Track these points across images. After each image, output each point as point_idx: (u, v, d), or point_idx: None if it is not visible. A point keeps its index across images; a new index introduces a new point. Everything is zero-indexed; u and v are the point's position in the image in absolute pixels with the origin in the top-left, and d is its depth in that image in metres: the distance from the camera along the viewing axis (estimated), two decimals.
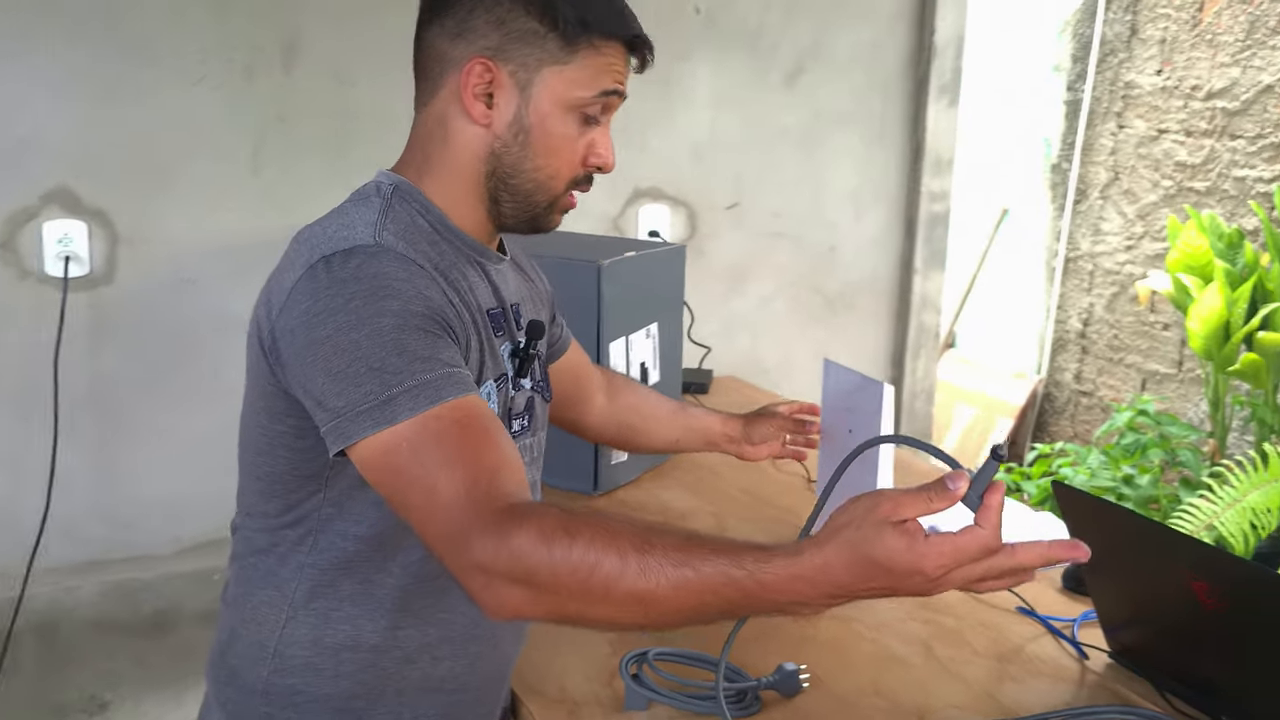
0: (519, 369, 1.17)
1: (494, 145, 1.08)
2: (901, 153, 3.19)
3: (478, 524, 0.86)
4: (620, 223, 2.89)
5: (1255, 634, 1.06)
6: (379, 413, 0.92)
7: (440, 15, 1.09)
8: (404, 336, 0.94)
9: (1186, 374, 4.05)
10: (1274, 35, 3.65)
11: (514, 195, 1.10)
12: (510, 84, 1.06)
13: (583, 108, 1.08)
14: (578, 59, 1.06)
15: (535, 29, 1.05)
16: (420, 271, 1.01)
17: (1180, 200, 3.99)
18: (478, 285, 1.12)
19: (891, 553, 0.81)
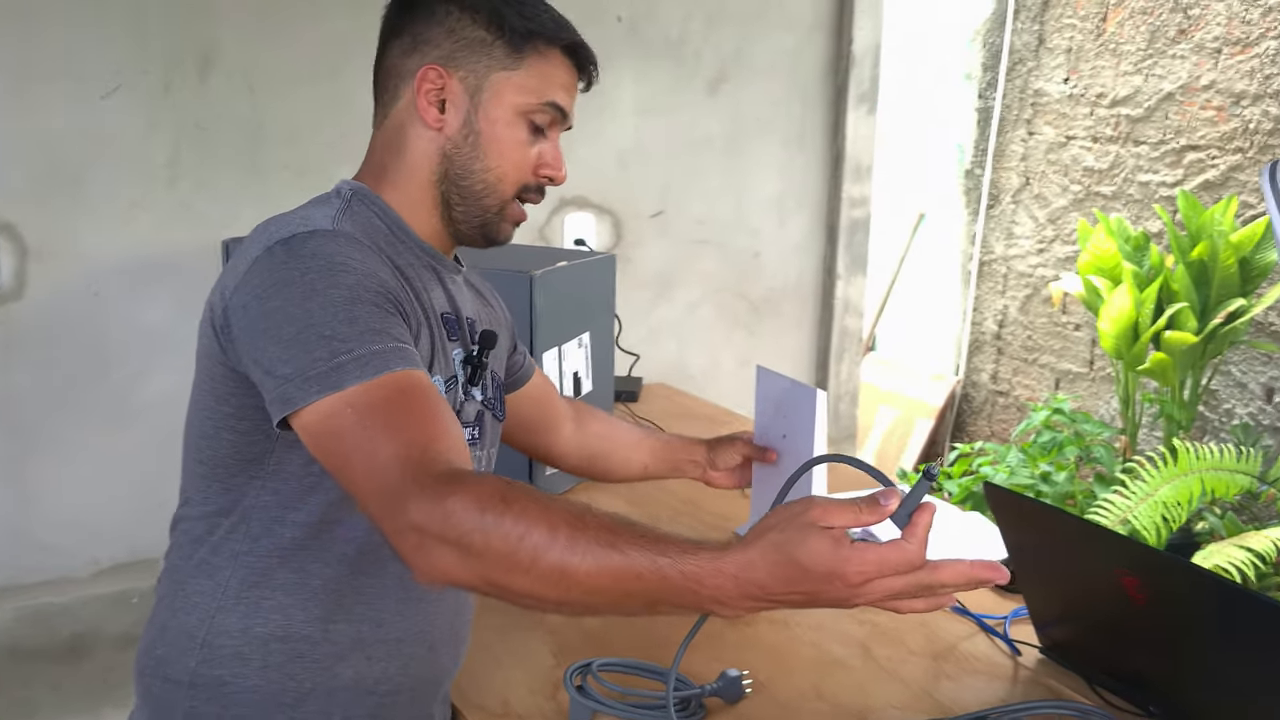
0: (470, 376, 1.18)
1: (445, 148, 1.12)
2: (822, 159, 3.24)
3: (415, 485, 0.87)
4: (546, 231, 2.89)
5: (1181, 626, 1.10)
6: (326, 379, 0.93)
7: (398, 34, 1.14)
8: (356, 308, 0.96)
9: (1098, 373, 4.17)
10: (1173, 45, 3.79)
11: (464, 197, 1.13)
12: (461, 90, 1.11)
13: (531, 114, 1.12)
14: (525, 65, 1.12)
15: (483, 37, 1.11)
16: (377, 255, 1.04)
17: (1088, 204, 4.11)
18: (433, 289, 1.14)
19: (814, 555, 0.81)
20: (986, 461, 3.66)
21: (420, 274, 1.13)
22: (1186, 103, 3.76)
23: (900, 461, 4.56)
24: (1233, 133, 3.62)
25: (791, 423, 1.51)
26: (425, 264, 1.15)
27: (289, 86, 2.44)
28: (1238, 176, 3.62)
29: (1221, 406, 3.74)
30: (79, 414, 2.35)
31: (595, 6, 2.80)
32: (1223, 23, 3.63)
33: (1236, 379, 3.69)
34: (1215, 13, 3.65)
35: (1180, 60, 3.77)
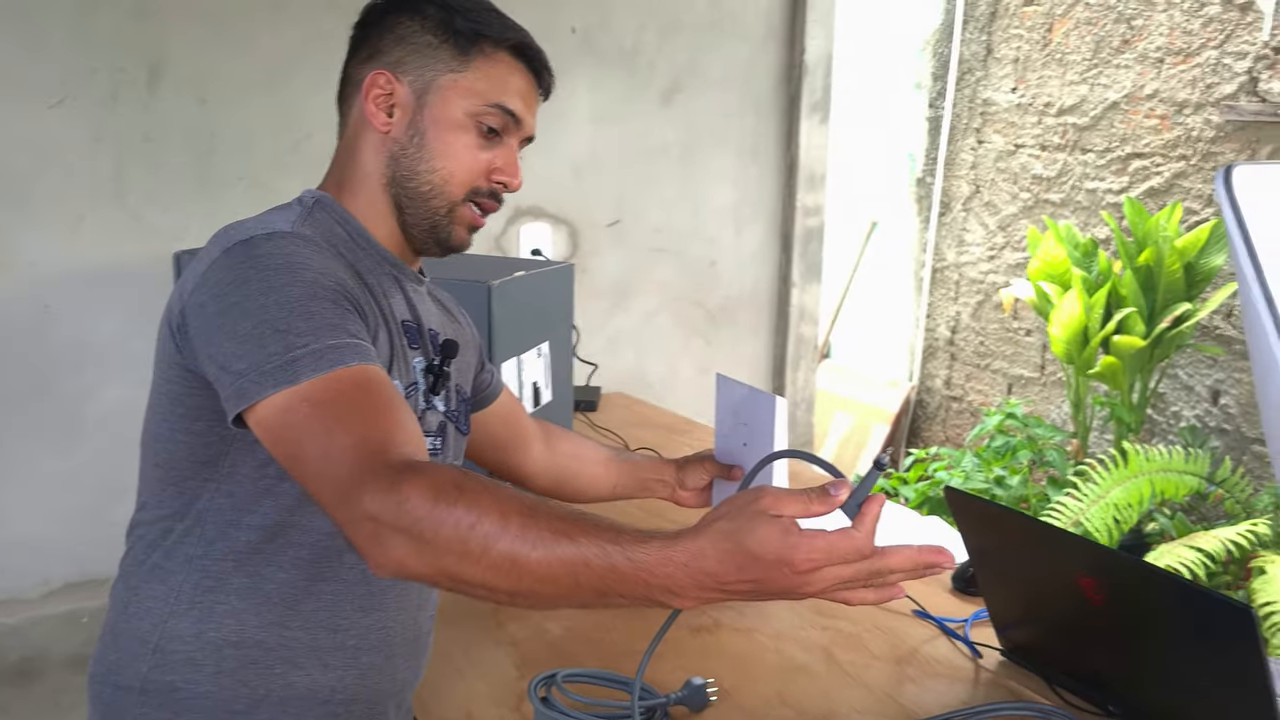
0: (432, 385, 1.18)
1: (393, 149, 1.14)
2: (776, 169, 3.26)
3: (370, 475, 0.86)
4: (502, 241, 2.88)
5: (1139, 626, 1.11)
6: (282, 373, 0.93)
7: (359, 48, 1.17)
8: (313, 304, 0.97)
9: (1049, 377, 4.23)
10: (1117, 55, 3.86)
11: (412, 199, 1.14)
12: (408, 93, 1.13)
13: (480, 117, 1.13)
14: (472, 67, 1.13)
15: (430, 41, 1.13)
16: (336, 258, 1.05)
17: (1038, 211, 4.17)
18: (394, 296, 1.15)
19: (763, 541, 0.81)
20: (942, 466, 3.69)
21: (381, 280, 1.13)
22: (1131, 111, 3.84)
23: (856, 467, 4.60)
24: (1176, 140, 3.69)
25: (751, 430, 1.51)
26: (386, 271, 1.15)
27: (241, 96, 2.41)
28: (1181, 183, 3.69)
29: (1169, 409, 3.80)
30: (28, 430, 2.30)
31: (549, 17, 2.80)
32: (1164, 33, 3.70)
33: (1183, 382, 3.76)
34: (1157, 23, 3.72)
35: (1124, 70, 3.84)
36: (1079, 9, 3.98)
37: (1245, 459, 3.55)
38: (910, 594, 1.49)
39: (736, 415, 1.54)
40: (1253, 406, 3.55)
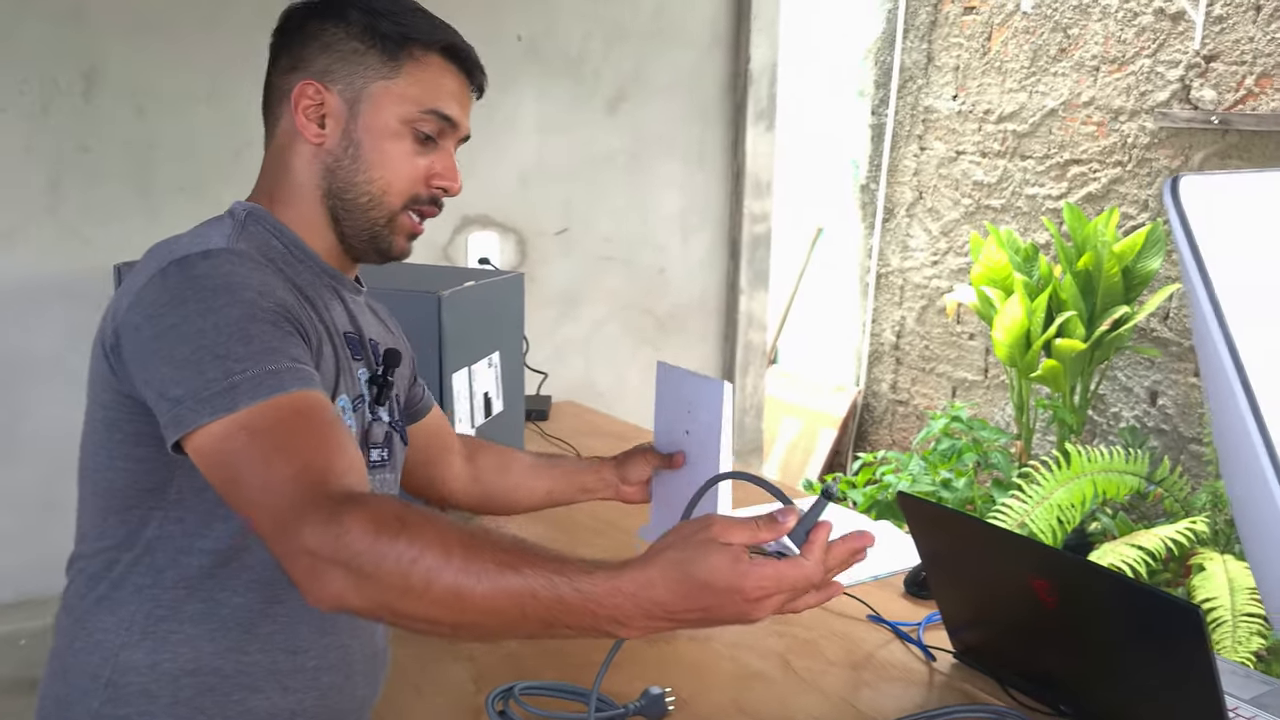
0: (377, 396, 1.17)
1: (327, 162, 1.11)
2: (723, 176, 3.27)
3: (310, 507, 0.85)
4: (450, 251, 2.86)
5: (1090, 626, 1.13)
6: (220, 400, 0.91)
7: (279, 55, 1.14)
8: (251, 326, 0.94)
9: (992, 380, 4.29)
10: (1055, 63, 3.93)
11: (350, 211, 1.11)
12: (339, 103, 1.10)
13: (414, 123, 1.11)
14: (404, 72, 1.10)
15: (357, 48, 1.10)
16: (275, 274, 1.03)
17: (979, 217, 4.23)
18: (334, 308, 1.13)
19: (714, 570, 0.82)
20: (889, 470, 3.73)
21: (320, 293, 1.11)
22: (1069, 118, 3.91)
23: (805, 472, 4.63)
24: (1112, 147, 3.77)
25: (696, 418, 1.43)
26: (325, 283, 1.13)
27: (180, 106, 2.37)
28: (1118, 189, 3.77)
29: (1109, 410, 3.88)
30: None
31: (495, 25, 2.79)
32: (1100, 42, 3.78)
33: (1122, 383, 3.84)
34: (1093, 33, 3.80)
35: (1062, 78, 3.91)
36: (1017, 18, 4.05)
37: (1183, 458, 3.63)
38: (864, 599, 1.50)
39: (679, 402, 1.47)
40: (1189, 407, 3.63)
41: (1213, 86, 3.48)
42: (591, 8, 2.93)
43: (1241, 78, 3.41)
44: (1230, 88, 3.44)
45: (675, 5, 3.07)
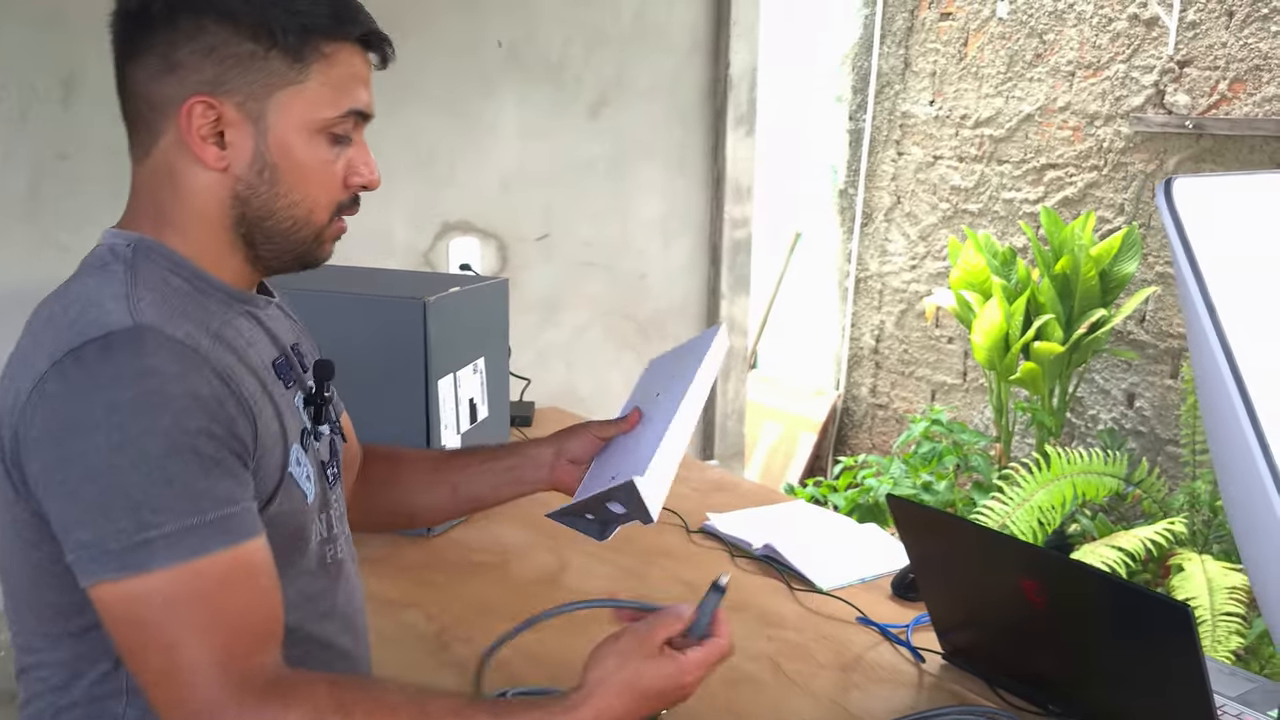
0: (315, 416, 1.06)
1: (237, 189, 0.96)
2: (704, 181, 3.28)
3: (234, 702, 0.80)
4: (431, 257, 2.85)
5: (1080, 626, 1.14)
6: (130, 556, 0.80)
7: (140, 52, 0.94)
8: (174, 464, 0.82)
9: (971, 384, 4.32)
10: (1031, 68, 3.97)
11: (272, 237, 0.98)
12: (240, 118, 0.94)
13: (331, 128, 0.97)
14: (312, 73, 0.95)
15: (253, 50, 0.93)
16: (193, 358, 0.87)
17: (957, 222, 4.26)
18: (255, 338, 1.00)
19: (663, 679, 0.95)
20: (870, 473, 3.75)
21: (237, 327, 0.97)
22: (1045, 123, 3.94)
23: (786, 476, 4.64)
24: (1088, 151, 3.80)
25: (675, 371, 1.28)
26: (238, 311, 0.99)
27: None
28: (1094, 193, 3.80)
29: (1087, 412, 3.91)
30: None
31: (475, 31, 2.79)
32: (1075, 47, 3.82)
33: (1100, 386, 3.87)
34: (1068, 38, 3.84)
35: (1037, 83, 3.95)
36: (992, 24, 4.08)
37: (1160, 459, 3.67)
38: (853, 602, 1.50)
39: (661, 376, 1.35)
40: (1166, 409, 3.67)
41: (1186, 91, 3.52)
42: (572, 13, 2.94)
43: (1215, 83, 3.45)
44: (1204, 92, 3.48)
45: (655, 10, 3.08)
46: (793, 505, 1.89)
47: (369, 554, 1.64)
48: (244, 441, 0.89)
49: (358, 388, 1.70)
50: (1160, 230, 3.63)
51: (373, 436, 1.33)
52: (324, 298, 1.71)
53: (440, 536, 1.74)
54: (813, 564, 1.60)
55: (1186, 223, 0.65)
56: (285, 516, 0.96)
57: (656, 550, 1.71)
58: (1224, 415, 0.65)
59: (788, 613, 1.50)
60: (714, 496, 1.94)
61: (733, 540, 1.71)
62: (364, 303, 1.72)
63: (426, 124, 2.75)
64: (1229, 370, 0.64)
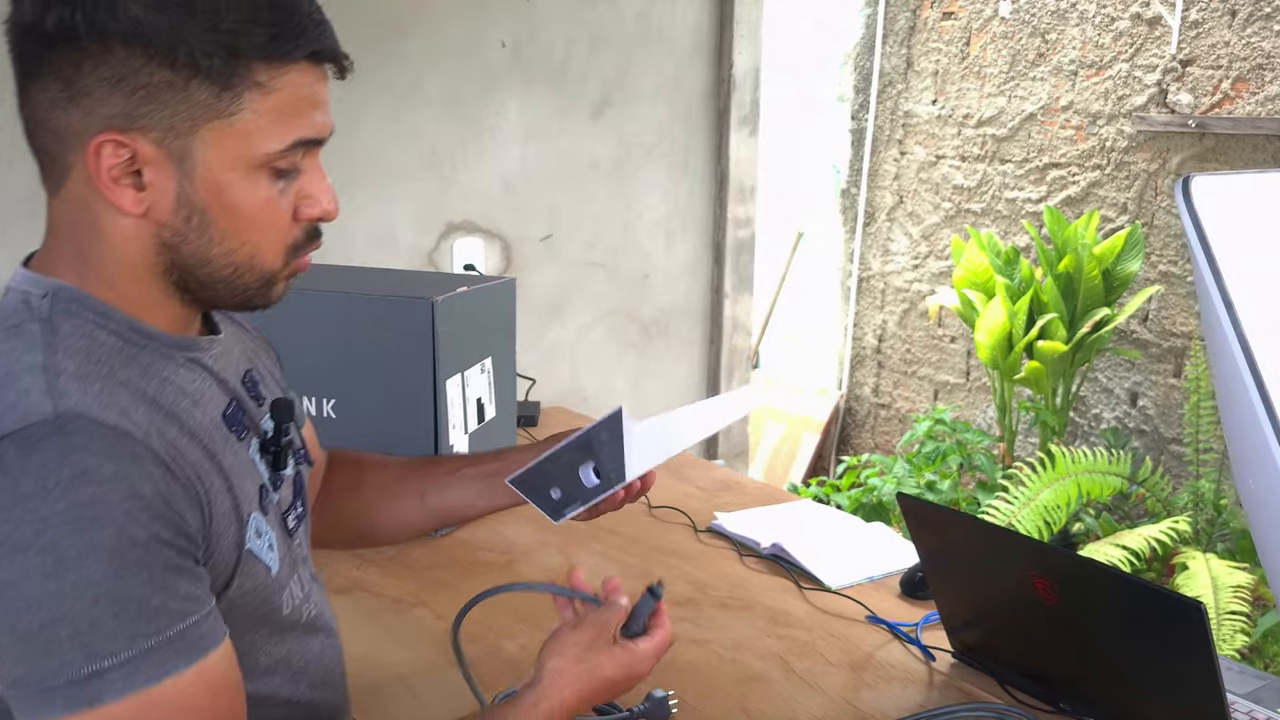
0: (275, 462, 0.95)
1: (163, 236, 0.82)
2: (707, 181, 3.28)
3: None
4: (435, 257, 2.85)
5: (1092, 623, 1.14)
6: (79, 690, 0.71)
7: (40, 74, 0.79)
8: (122, 584, 0.72)
9: (974, 383, 4.32)
10: (1033, 68, 3.97)
11: (209, 285, 0.85)
12: (160, 156, 0.79)
13: (272, 163, 0.82)
14: (245, 104, 0.80)
15: (170, 80, 0.78)
16: (130, 449, 0.75)
17: (959, 221, 4.26)
18: (201, 392, 0.88)
19: (618, 668, 0.99)
20: (874, 473, 3.75)
21: (178, 382, 0.85)
22: (1047, 122, 3.94)
23: (789, 476, 4.64)
24: (1091, 150, 3.81)
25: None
26: (179, 362, 0.87)
27: None
28: (1097, 192, 3.80)
29: (1090, 411, 3.91)
30: None
31: (478, 32, 2.79)
32: (1077, 47, 3.82)
33: (1103, 385, 3.87)
34: (1070, 37, 3.84)
35: (1040, 82, 3.95)
36: (995, 23, 4.08)
37: (1163, 458, 3.67)
38: (862, 600, 1.50)
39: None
40: (1169, 407, 3.67)
41: (1189, 90, 3.52)
42: (575, 14, 2.94)
43: (1218, 82, 3.45)
44: (1206, 91, 3.48)
45: (658, 11, 3.08)
46: (800, 504, 1.89)
47: (377, 554, 1.65)
48: (194, 538, 0.79)
49: (365, 388, 1.71)
50: (1163, 229, 3.63)
51: (380, 437, 1.33)
52: (331, 298, 1.71)
53: (448, 537, 1.74)
54: (821, 563, 1.60)
55: (1204, 219, 0.65)
56: (247, 596, 0.88)
57: (665, 550, 1.71)
58: (1243, 411, 0.65)
59: (796, 611, 1.50)
60: (721, 496, 1.94)
61: (740, 539, 1.71)
62: (371, 303, 1.72)
63: (430, 124, 2.75)
64: (1248, 368, 0.64)
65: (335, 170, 0.98)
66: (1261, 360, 0.64)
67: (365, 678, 1.31)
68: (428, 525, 1.19)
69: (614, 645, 1.00)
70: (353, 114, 2.54)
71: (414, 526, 1.18)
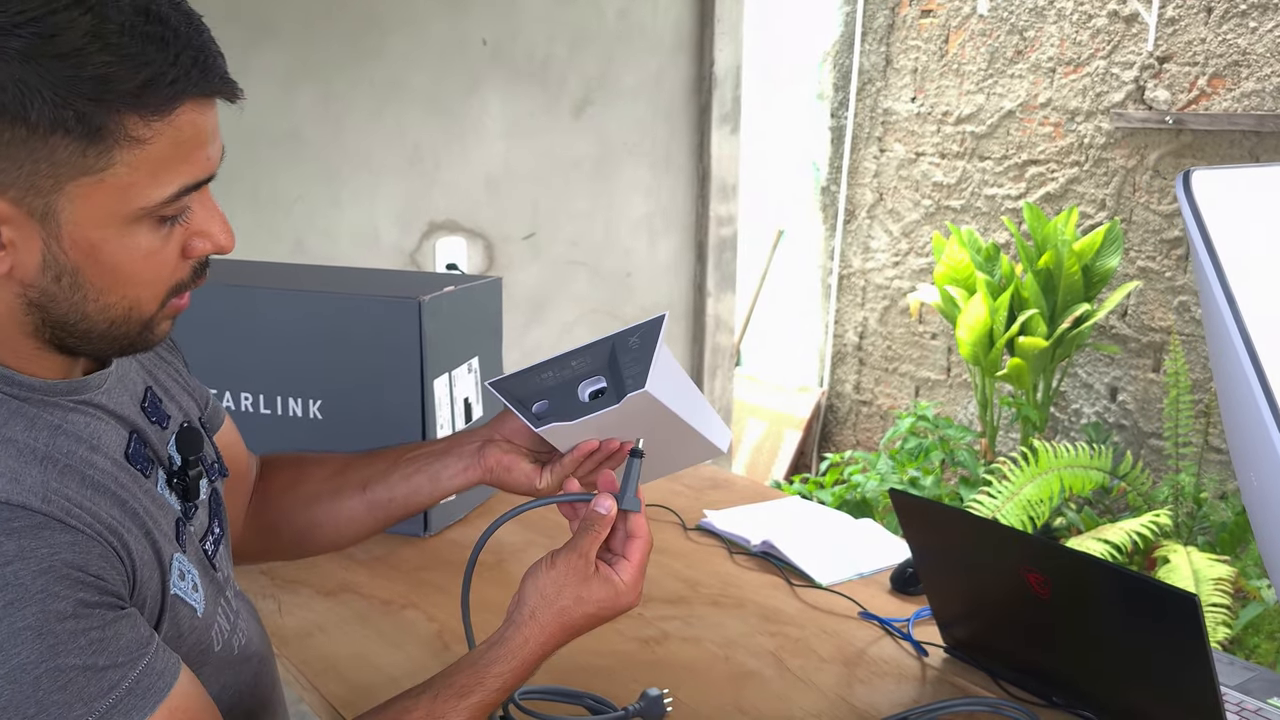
0: (185, 494, 0.90)
1: (31, 296, 0.76)
2: (689, 180, 3.28)
3: None
4: (417, 257, 2.84)
5: (1085, 617, 1.15)
6: None
7: None
8: (58, 659, 0.68)
9: (955, 379, 4.34)
10: (1012, 65, 3.99)
11: (87, 338, 0.79)
12: (19, 215, 0.72)
13: (152, 214, 0.75)
14: (117, 159, 0.71)
15: (23, 135, 0.69)
16: (29, 522, 0.71)
17: (939, 218, 4.28)
18: (96, 434, 0.81)
19: (600, 603, 0.96)
20: (857, 470, 3.76)
21: (71, 431, 0.79)
22: (1026, 120, 3.97)
23: (772, 473, 4.65)
24: (1069, 147, 3.83)
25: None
26: (68, 408, 0.80)
27: None
28: (1075, 188, 3.83)
29: (1070, 407, 3.93)
30: None
31: (459, 29, 2.78)
32: (1055, 44, 3.84)
33: (1083, 380, 3.89)
34: (1048, 35, 3.86)
35: (1018, 79, 3.97)
36: (973, 21, 4.10)
37: (1143, 453, 3.70)
38: (853, 597, 1.51)
39: None
40: (1148, 402, 3.70)
41: (1166, 87, 3.55)
42: (556, 12, 2.93)
43: (1194, 78, 3.48)
44: (1183, 88, 3.51)
45: (639, 9, 3.08)
46: (788, 501, 1.89)
47: (365, 555, 1.64)
48: (120, 593, 0.75)
49: (351, 389, 1.70)
50: (1141, 225, 3.66)
51: (366, 439, 1.31)
52: (317, 298, 1.70)
53: (437, 537, 1.73)
54: (811, 559, 1.60)
55: (1206, 214, 0.65)
56: (174, 641, 0.83)
57: (655, 548, 1.70)
58: (1245, 406, 0.66)
59: (788, 608, 1.50)
60: (709, 494, 1.94)
61: (730, 537, 1.71)
62: (357, 303, 1.71)
63: (412, 123, 2.74)
64: (1250, 364, 0.64)
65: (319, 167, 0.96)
66: (1264, 356, 0.64)
67: (357, 680, 1.30)
68: (372, 521, 1.10)
69: (595, 576, 0.96)
70: (335, 112, 2.53)
71: (358, 523, 1.10)
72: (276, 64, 2.37)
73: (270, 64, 2.37)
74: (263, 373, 1.70)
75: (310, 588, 1.53)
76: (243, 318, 1.70)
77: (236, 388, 1.71)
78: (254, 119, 2.29)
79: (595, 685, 1.25)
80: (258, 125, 2.38)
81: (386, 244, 2.76)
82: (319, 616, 1.45)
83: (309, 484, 1.11)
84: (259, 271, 1.87)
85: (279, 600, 1.50)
